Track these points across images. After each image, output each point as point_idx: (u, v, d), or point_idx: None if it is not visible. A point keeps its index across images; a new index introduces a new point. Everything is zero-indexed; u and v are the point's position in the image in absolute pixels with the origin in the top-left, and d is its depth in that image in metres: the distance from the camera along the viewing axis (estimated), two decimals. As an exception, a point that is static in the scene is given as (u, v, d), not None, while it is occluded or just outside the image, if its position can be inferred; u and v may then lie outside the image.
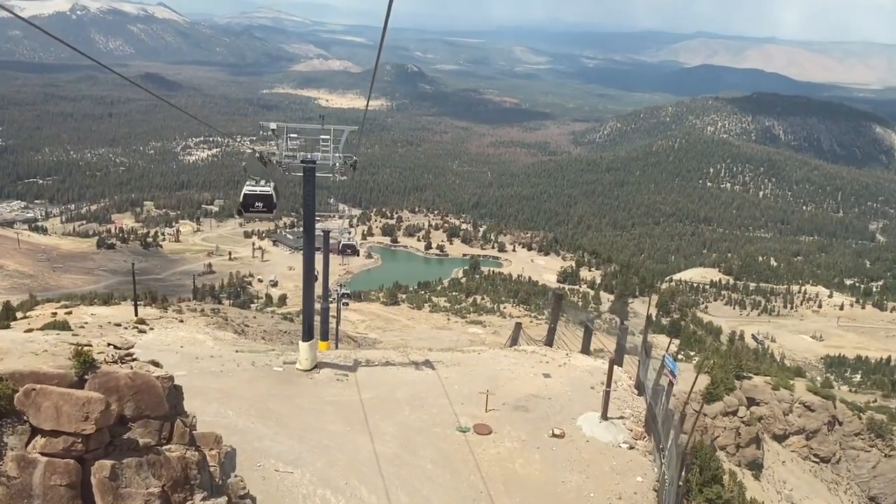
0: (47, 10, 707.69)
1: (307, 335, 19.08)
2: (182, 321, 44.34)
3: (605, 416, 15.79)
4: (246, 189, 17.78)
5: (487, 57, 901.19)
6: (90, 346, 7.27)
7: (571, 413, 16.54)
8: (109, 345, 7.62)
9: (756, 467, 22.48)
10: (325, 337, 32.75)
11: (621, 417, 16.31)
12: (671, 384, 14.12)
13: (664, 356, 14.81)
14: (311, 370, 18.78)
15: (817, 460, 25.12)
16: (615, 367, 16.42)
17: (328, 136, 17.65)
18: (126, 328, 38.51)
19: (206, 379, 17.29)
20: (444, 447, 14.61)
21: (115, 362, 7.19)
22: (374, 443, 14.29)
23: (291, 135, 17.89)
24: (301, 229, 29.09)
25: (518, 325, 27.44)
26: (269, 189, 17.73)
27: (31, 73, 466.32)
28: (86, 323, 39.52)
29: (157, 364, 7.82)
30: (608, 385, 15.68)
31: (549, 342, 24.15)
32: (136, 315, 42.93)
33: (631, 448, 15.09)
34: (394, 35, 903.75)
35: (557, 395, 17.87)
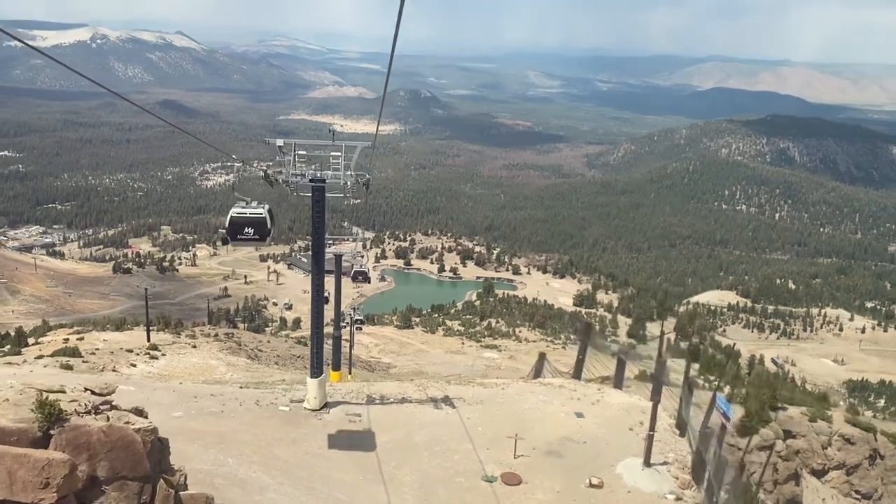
0: (68, 38, 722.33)
1: (316, 371, 17.46)
2: (195, 346, 43.69)
3: (647, 463, 14.40)
4: (233, 213, 15.47)
5: (500, 81, 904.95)
6: (63, 391, 6.34)
7: (609, 459, 15.08)
8: (86, 390, 6.69)
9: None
10: (336, 366, 30.95)
11: (665, 463, 14.86)
12: (724, 427, 12.88)
13: (716, 395, 13.66)
14: (320, 409, 17.28)
15: (858, 497, 23.63)
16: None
17: (339, 154, 16.27)
18: (138, 354, 37.85)
19: (205, 421, 15.94)
20: (469, 500, 13.23)
21: (90, 412, 6.21)
22: (389, 495, 12.89)
23: (300, 152, 16.49)
24: None
25: (542, 357, 26.00)
26: (261, 212, 15.41)
27: (52, 100, 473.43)
28: (97, 349, 38.87)
29: (140, 412, 6.86)
30: (652, 428, 14.40)
31: (577, 375, 23.02)
32: (149, 340, 42.33)
33: (678, 500, 13.76)
34: (407, 61, 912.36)
35: (593, 437, 16.37)
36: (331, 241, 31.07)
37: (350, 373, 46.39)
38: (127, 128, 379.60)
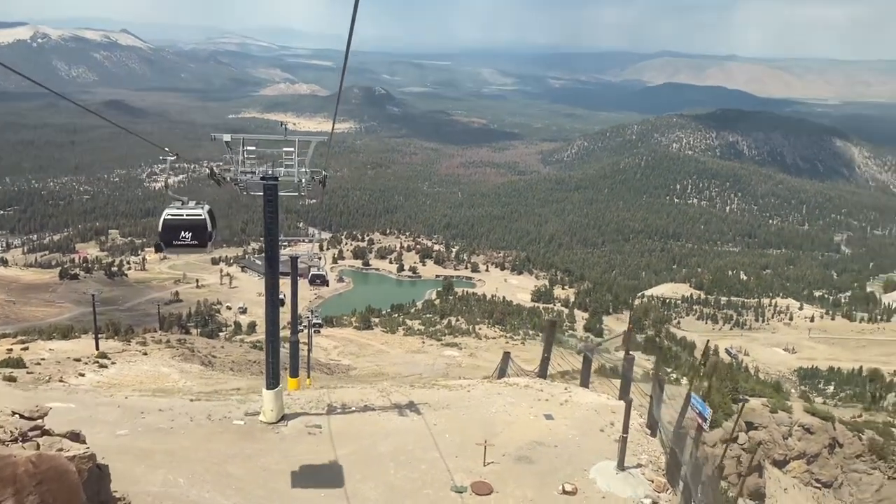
0: (8, 38, 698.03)
1: (272, 381, 16.29)
2: (146, 354, 42.19)
3: (621, 466, 13.99)
4: (166, 214, 13.45)
5: (455, 79, 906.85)
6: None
7: (582, 463, 14.60)
8: (14, 413, 5.90)
9: (759, 497, 21.18)
10: (294, 373, 28.99)
11: (639, 466, 14.46)
12: (700, 428, 12.54)
13: (690, 395, 13.30)
14: (277, 422, 16.23)
15: (819, 486, 23.95)
16: (622, 402, 14.61)
17: (292, 150, 14.96)
18: (86, 363, 36.30)
19: (153, 438, 14.84)
20: (438, 514, 12.51)
21: (17, 439, 5.43)
22: None
23: (250, 148, 15.07)
24: None
25: (506, 356, 25.40)
26: (200, 213, 13.51)
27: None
28: (43, 359, 37.19)
29: (77, 436, 6.07)
30: (625, 430, 13.90)
31: (542, 373, 22.36)
32: (98, 349, 40.71)
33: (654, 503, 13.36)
34: (361, 58, 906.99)
35: (564, 440, 15.84)
36: (286, 243, 30.00)
37: (309, 377, 45.41)
38: (71, 129, 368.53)
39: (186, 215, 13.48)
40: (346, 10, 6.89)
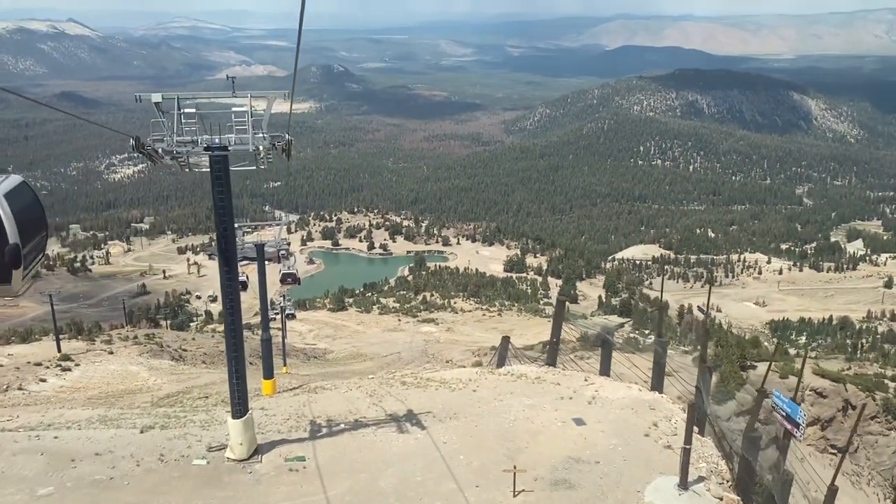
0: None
1: (239, 409, 13.16)
2: (112, 353, 40.68)
3: (684, 485, 11.58)
4: None
5: (413, 52, 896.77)
6: None
7: (634, 482, 11.98)
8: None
9: (776, 470, 19.93)
10: (269, 374, 24.46)
11: (701, 479, 11.99)
12: (789, 435, 10.62)
13: (774, 393, 11.34)
14: (249, 458, 13.07)
15: (835, 451, 23.06)
16: (657, 394, 12.70)
17: (244, 108, 12.01)
18: (48, 367, 34.68)
19: (87, 496, 11.76)
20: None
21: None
22: None
23: (187, 110, 11.99)
24: (241, 242, 24.40)
25: (505, 341, 22.70)
26: None
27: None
28: (0, 366, 35.52)
29: None
30: (688, 439, 11.44)
31: (551, 360, 19.95)
32: (59, 351, 39.06)
33: None
34: (316, 36, 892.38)
35: (605, 453, 13.05)
36: (249, 229, 28.12)
37: (285, 365, 44.35)
38: (23, 124, 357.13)
39: None
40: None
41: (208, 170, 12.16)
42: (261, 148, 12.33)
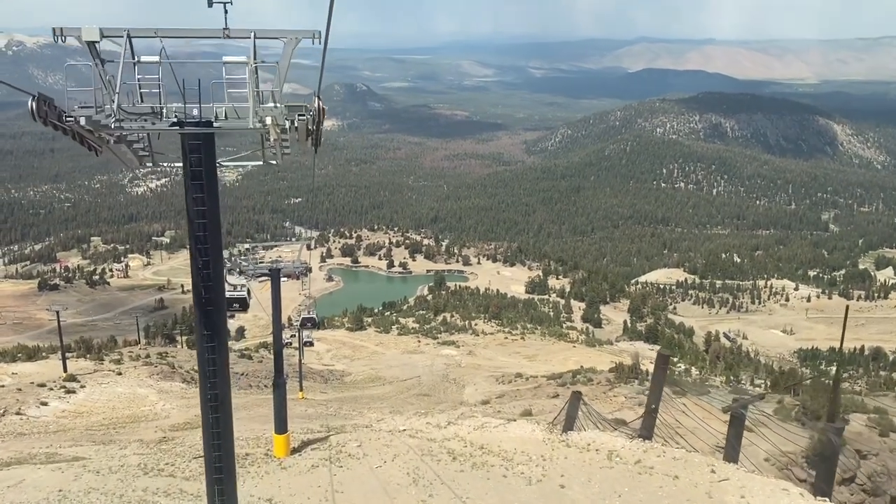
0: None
1: None
2: (120, 373, 38.70)
3: None
4: None
5: (435, 72, 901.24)
6: None
7: None
8: None
9: None
10: (281, 428, 17.52)
11: None
12: None
13: None
14: None
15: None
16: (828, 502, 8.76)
17: (243, 61, 7.28)
18: (52, 388, 32.68)
19: None
20: None
21: None
22: None
23: (146, 58, 7.35)
24: (261, 256, 22.20)
25: (576, 397, 18.42)
26: None
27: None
28: (2, 385, 33.67)
29: None
30: None
31: (647, 433, 15.97)
32: (66, 371, 37.17)
33: None
34: (340, 55, 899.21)
35: None
36: (262, 249, 25.78)
37: (301, 390, 42.18)
38: (50, 137, 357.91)
39: None
40: (322, 6, 6.21)
41: (180, 164, 7.36)
42: (274, 123, 6.92)
